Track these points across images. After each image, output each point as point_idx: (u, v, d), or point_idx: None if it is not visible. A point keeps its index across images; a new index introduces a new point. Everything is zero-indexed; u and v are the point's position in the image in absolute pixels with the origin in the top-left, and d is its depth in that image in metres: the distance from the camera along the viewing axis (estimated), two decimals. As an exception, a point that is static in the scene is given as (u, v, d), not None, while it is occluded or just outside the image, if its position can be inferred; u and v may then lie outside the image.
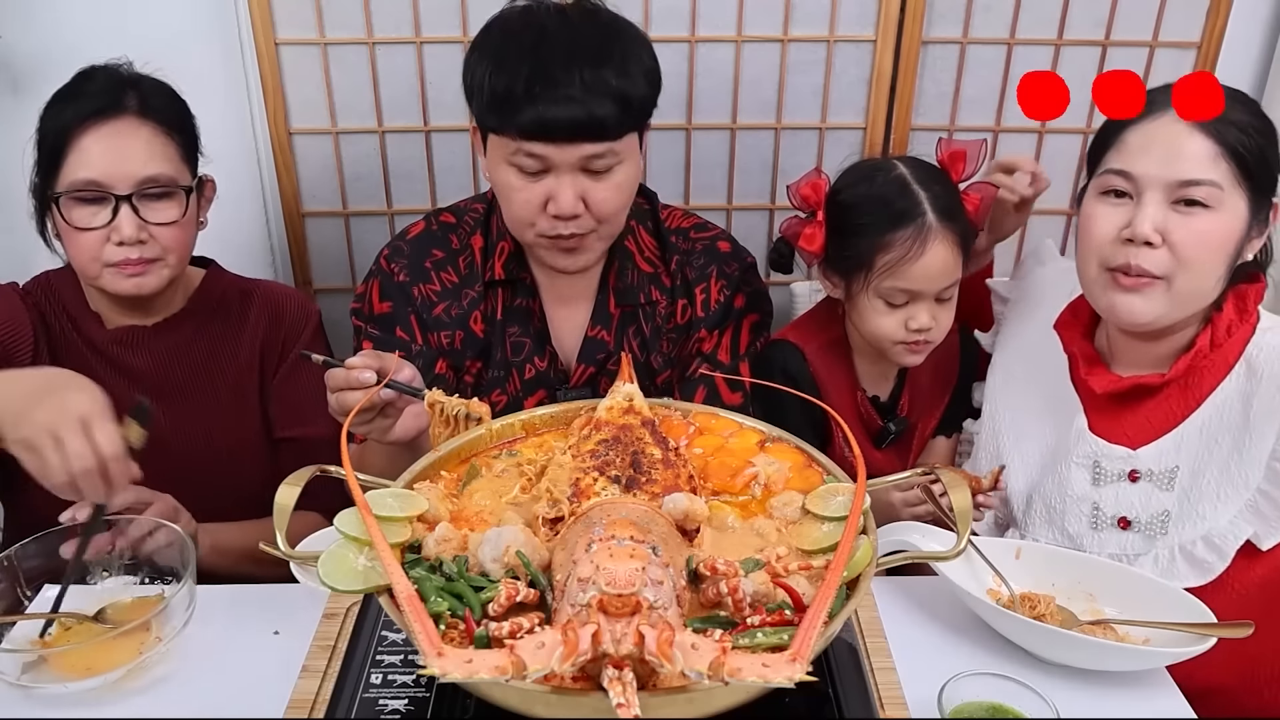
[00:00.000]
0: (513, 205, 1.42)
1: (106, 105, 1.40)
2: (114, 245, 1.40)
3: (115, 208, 1.39)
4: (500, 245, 1.56)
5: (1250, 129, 1.23)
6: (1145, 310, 1.28)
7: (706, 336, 1.58)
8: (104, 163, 1.39)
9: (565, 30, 1.36)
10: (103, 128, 1.39)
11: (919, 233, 1.43)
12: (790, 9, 1.89)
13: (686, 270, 1.59)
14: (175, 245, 1.45)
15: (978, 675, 1.02)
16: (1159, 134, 1.25)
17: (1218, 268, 1.26)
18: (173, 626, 1.11)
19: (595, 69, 1.32)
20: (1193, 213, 1.23)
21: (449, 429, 1.18)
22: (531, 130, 1.33)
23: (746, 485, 1.03)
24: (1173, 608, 1.18)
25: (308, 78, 1.92)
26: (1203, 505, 1.29)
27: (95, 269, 1.43)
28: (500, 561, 0.87)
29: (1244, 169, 1.23)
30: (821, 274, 1.56)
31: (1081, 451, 1.37)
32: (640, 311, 1.58)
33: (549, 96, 1.31)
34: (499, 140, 1.38)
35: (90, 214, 1.40)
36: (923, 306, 1.48)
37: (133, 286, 1.44)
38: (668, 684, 0.74)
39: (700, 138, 2.00)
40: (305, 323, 1.63)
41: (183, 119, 1.48)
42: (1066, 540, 1.37)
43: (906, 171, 1.48)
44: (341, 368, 1.23)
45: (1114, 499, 1.35)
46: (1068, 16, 1.91)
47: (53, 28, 1.86)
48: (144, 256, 1.42)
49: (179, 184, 1.44)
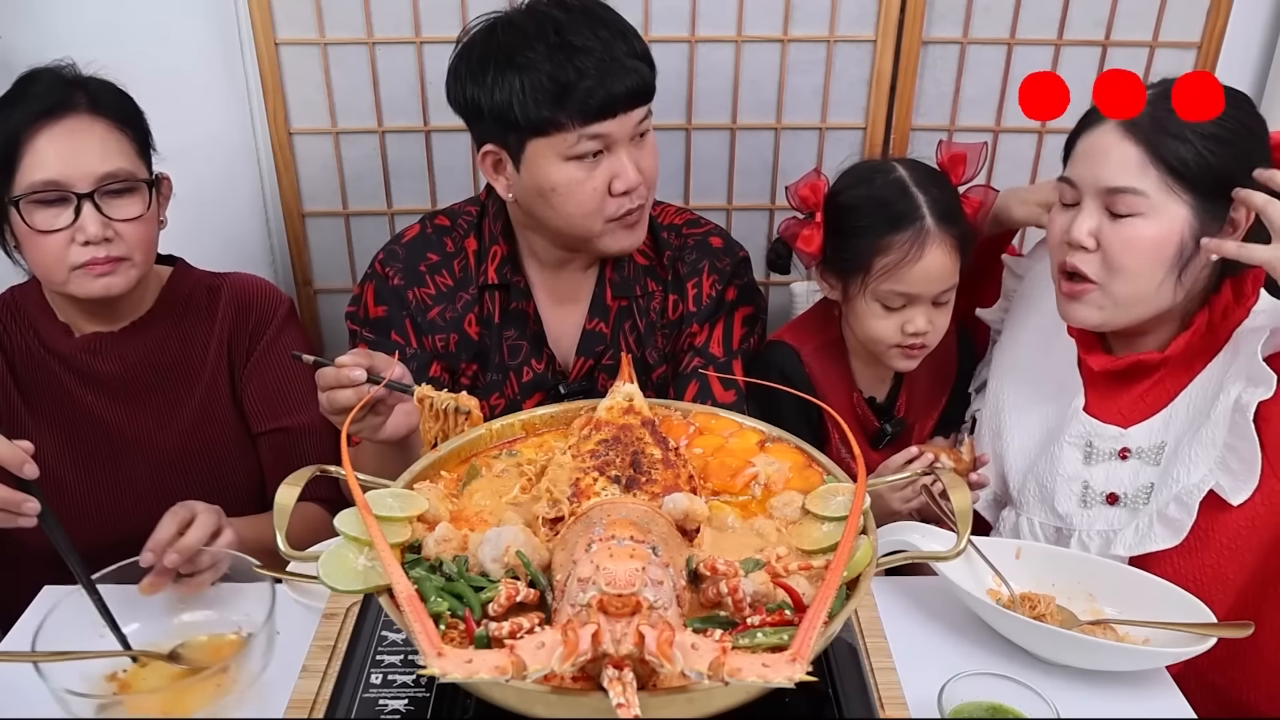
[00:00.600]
0: (579, 198, 1.43)
1: (55, 105, 1.37)
2: (79, 246, 1.37)
3: (77, 207, 1.36)
4: (493, 249, 1.56)
5: (1190, 134, 1.22)
6: (1087, 316, 1.33)
7: (698, 330, 1.59)
8: (60, 162, 1.35)
9: (573, 15, 1.39)
10: (55, 127, 1.36)
11: (917, 236, 1.42)
12: (790, 9, 1.89)
13: (679, 265, 1.60)
14: (140, 243, 1.42)
15: (978, 675, 1.02)
16: (1097, 142, 1.28)
17: (1154, 273, 1.27)
18: (251, 671, 1.05)
19: (622, 38, 1.39)
20: (1123, 220, 1.26)
21: (439, 423, 1.19)
22: (598, 110, 1.37)
23: (746, 485, 1.03)
24: (1173, 608, 1.18)
25: (308, 78, 1.92)
26: (1178, 469, 1.30)
27: (61, 273, 1.39)
28: (500, 561, 0.87)
29: (1179, 176, 1.23)
30: (819, 275, 1.56)
31: (1074, 431, 1.39)
32: (635, 305, 1.58)
33: (605, 72, 1.36)
34: (551, 140, 1.39)
35: (52, 216, 1.36)
36: (919, 310, 1.47)
37: (101, 288, 1.40)
38: (668, 684, 0.74)
39: (700, 138, 2.00)
40: (273, 312, 1.59)
41: (134, 115, 1.45)
42: (1056, 518, 1.39)
43: (906, 174, 1.47)
44: (331, 366, 1.23)
45: (1104, 477, 1.36)
46: (1068, 16, 1.91)
47: (52, 28, 1.86)
48: (111, 255, 1.39)
49: (138, 178, 1.42)
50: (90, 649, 1.09)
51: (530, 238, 1.56)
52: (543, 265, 1.58)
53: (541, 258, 1.57)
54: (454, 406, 1.19)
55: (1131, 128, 1.25)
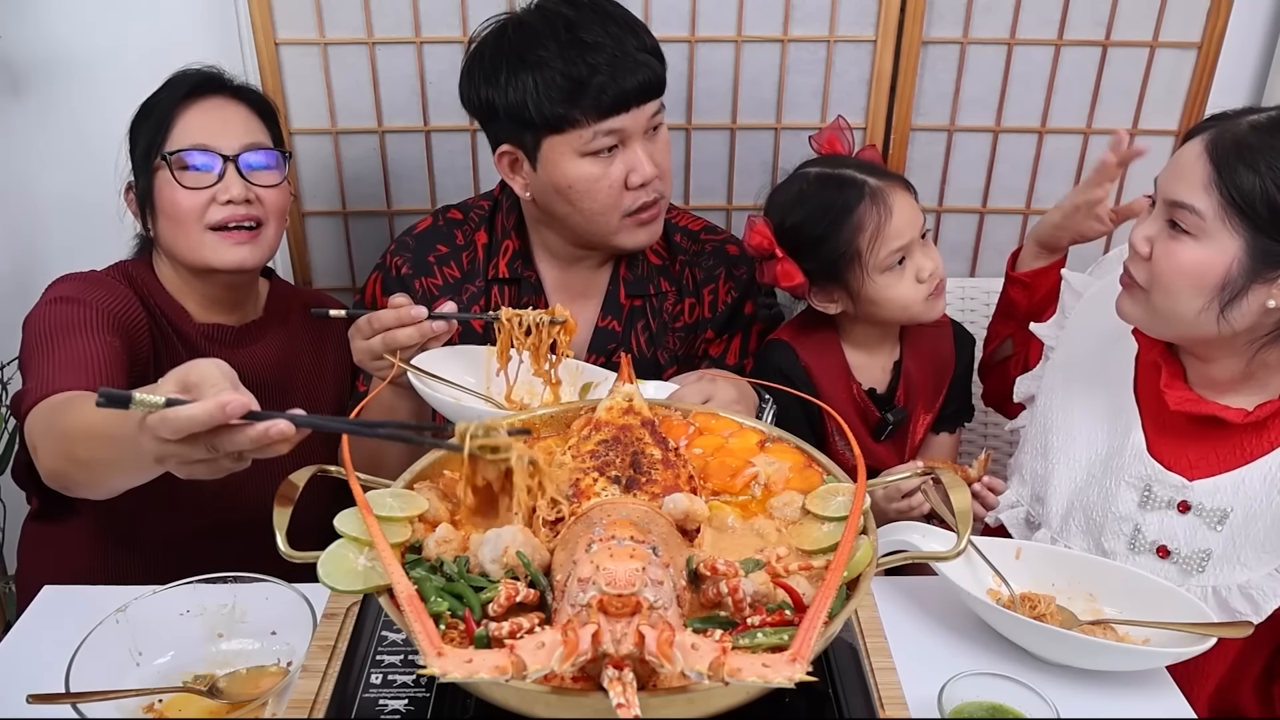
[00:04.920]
0: (597, 195, 1.44)
1: (203, 84, 1.49)
2: (219, 205, 1.45)
3: (222, 171, 1.45)
4: (505, 244, 1.57)
5: (1265, 167, 1.14)
6: (1128, 309, 1.30)
7: (714, 338, 1.60)
8: (208, 130, 1.46)
9: (583, 12, 1.41)
10: (203, 103, 1.47)
11: (875, 198, 1.49)
12: (790, 9, 1.89)
13: (695, 271, 1.61)
14: (275, 210, 1.50)
15: (978, 675, 1.02)
16: (1185, 151, 1.23)
17: (1194, 298, 1.21)
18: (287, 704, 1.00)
19: (633, 34, 1.41)
20: (1176, 235, 1.22)
21: (530, 338, 1.27)
22: (612, 105, 1.39)
23: (746, 485, 1.03)
24: (1173, 608, 1.18)
25: (308, 78, 1.92)
26: (1246, 553, 1.25)
27: (196, 232, 1.45)
28: (500, 562, 0.87)
29: (1237, 206, 1.16)
30: (816, 299, 1.58)
31: (1135, 472, 1.32)
32: (649, 305, 1.59)
33: (617, 67, 1.38)
34: (567, 136, 1.40)
35: (197, 177, 1.45)
36: (918, 253, 1.52)
37: (237, 258, 1.47)
38: (668, 684, 0.74)
39: (700, 138, 2.00)
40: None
41: (270, 110, 1.56)
42: (1100, 554, 1.34)
43: (818, 169, 1.54)
44: (386, 310, 1.29)
45: (1158, 525, 1.31)
46: (1068, 16, 1.91)
47: (52, 28, 1.87)
48: (250, 214, 1.46)
49: (277, 148, 1.53)
50: (124, 677, 1.07)
51: (544, 234, 1.57)
52: (556, 261, 1.59)
53: (555, 254, 1.58)
54: (547, 320, 1.23)
55: (1214, 146, 1.19)
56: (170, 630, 1.11)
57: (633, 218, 1.48)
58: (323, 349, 1.69)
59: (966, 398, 1.72)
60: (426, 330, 1.28)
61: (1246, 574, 1.25)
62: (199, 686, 1.08)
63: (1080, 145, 2.01)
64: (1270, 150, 1.15)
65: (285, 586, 1.12)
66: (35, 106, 1.93)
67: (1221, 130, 1.20)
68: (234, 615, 1.14)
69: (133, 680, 1.07)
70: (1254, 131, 1.17)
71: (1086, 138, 2.01)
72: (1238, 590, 1.25)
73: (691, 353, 1.62)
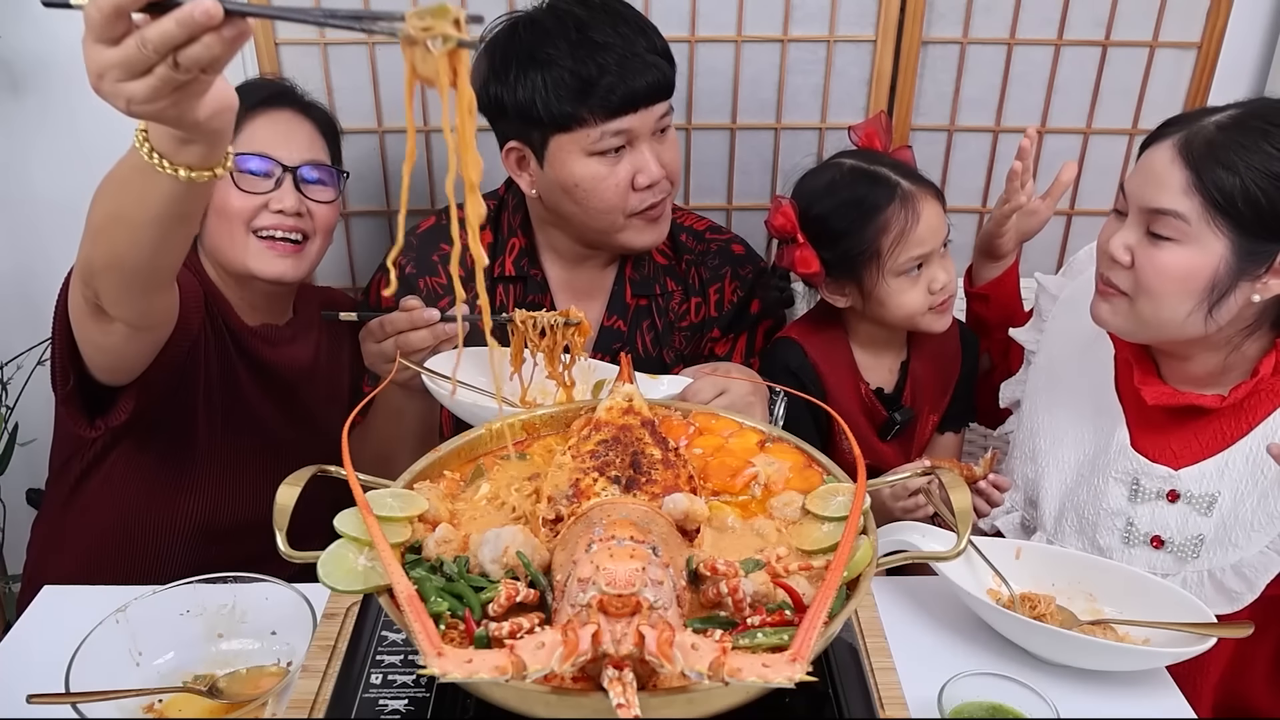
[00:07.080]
0: (603, 193, 1.45)
1: (271, 97, 1.52)
2: (270, 212, 1.46)
3: (279, 179, 1.47)
4: (511, 242, 1.57)
5: (1243, 167, 1.16)
6: (1110, 319, 1.31)
7: (720, 338, 1.60)
8: (272, 141, 1.48)
9: (593, 12, 1.42)
10: (270, 114, 1.50)
11: (905, 201, 1.48)
12: (790, 9, 1.89)
13: (700, 270, 1.61)
14: (324, 226, 1.52)
15: (978, 675, 1.02)
16: (1154, 157, 1.24)
17: (1182, 302, 1.22)
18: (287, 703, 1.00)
19: (642, 34, 1.42)
20: (1160, 242, 1.22)
21: (544, 339, 1.27)
22: (620, 105, 1.39)
23: (746, 485, 1.03)
24: (1173, 608, 1.18)
25: (308, 78, 1.91)
26: (1237, 533, 1.26)
27: (242, 235, 1.46)
28: (500, 562, 0.87)
29: (1221, 209, 1.17)
30: (828, 290, 1.58)
31: (1121, 467, 1.34)
32: (654, 304, 1.59)
33: (628, 68, 1.38)
34: (575, 136, 1.41)
35: (256, 182, 1.47)
36: (935, 264, 1.52)
37: (277, 271, 1.48)
38: (668, 684, 0.74)
39: (700, 138, 2.00)
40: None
41: (334, 129, 1.59)
42: (1096, 552, 1.35)
43: (855, 161, 1.54)
44: (399, 312, 1.30)
45: (1149, 517, 1.32)
46: (1068, 16, 1.91)
47: (52, 28, 1.86)
48: (298, 226, 1.48)
49: (335, 167, 1.55)
50: (124, 677, 1.06)
51: (550, 233, 1.57)
52: (562, 260, 1.59)
53: (561, 253, 1.58)
54: (562, 321, 1.24)
55: (1186, 150, 1.19)
56: (170, 630, 1.11)
57: (639, 216, 1.48)
58: (340, 349, 1.70)
59: (971, 398, 1.72)
60: (440, 332, 1.29)
61: (1239, 554, 1.27)
62: (199, 686, 1.08)
63: (1080, 145, 2.01)
64: (1243, 148, 1.17)
65: (285, 586, 1.12)
66: (35, 106, 1.93)
67: (1191, 133, 1.20)
68: (234, 615, 1.14)
69: (133, 680, 1.07)
70: (1222, 131, 1.19)
71: (1086, 138, 2.01)
72: (1231, 570, 1.26)
73: (697, 352, 1.63)
